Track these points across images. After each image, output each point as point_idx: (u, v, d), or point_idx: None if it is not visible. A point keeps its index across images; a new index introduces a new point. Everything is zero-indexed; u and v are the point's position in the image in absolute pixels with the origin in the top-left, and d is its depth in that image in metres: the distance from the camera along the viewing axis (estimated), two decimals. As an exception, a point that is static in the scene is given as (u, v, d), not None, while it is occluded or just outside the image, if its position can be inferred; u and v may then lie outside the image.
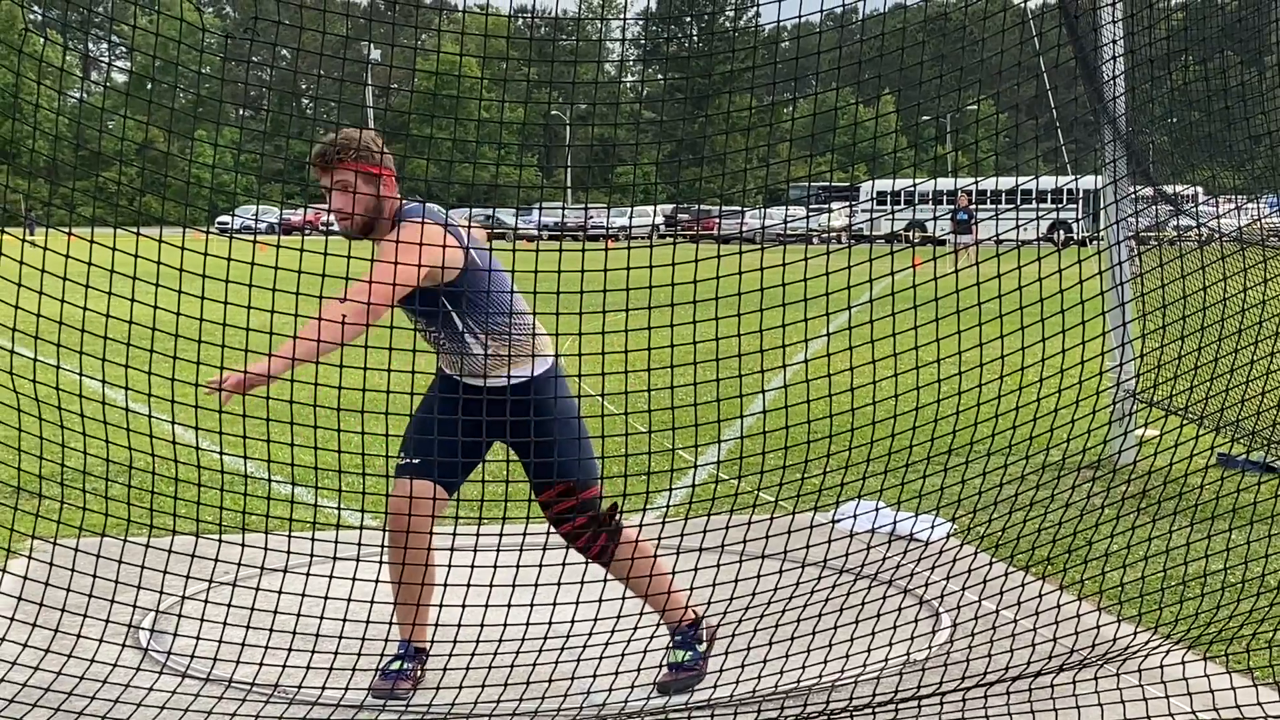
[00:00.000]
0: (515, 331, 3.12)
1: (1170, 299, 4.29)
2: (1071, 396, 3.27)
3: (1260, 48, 4.62)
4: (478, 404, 3.07)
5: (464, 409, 3.08)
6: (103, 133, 3.30)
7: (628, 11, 13.53)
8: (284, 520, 3.45)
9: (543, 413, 3.08)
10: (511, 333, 3.12)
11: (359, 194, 3.03)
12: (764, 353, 3.15)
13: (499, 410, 3.07)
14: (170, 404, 3.12)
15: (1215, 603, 3.40)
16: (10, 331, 2.88)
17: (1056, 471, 4.03)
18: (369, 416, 2.99)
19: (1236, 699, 2.98)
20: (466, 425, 3.09)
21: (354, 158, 3.03)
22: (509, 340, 3.11)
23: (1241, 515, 4.10)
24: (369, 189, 3.06)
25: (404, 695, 3.16)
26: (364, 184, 3.05)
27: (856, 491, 3.78)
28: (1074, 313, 3.37)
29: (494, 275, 3.11)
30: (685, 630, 3.29)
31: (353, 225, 3.08)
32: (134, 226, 3.10)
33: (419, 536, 3.13)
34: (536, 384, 3.11)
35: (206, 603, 3.22)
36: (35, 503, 3.73)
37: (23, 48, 2.96)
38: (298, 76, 3.42)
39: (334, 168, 3.04)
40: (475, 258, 3.07)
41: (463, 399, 3.10)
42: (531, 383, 3.11)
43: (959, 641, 3.40)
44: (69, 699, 2.85)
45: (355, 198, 3.02)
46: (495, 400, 3.09)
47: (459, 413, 3.08)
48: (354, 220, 3.07)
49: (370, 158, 3.05)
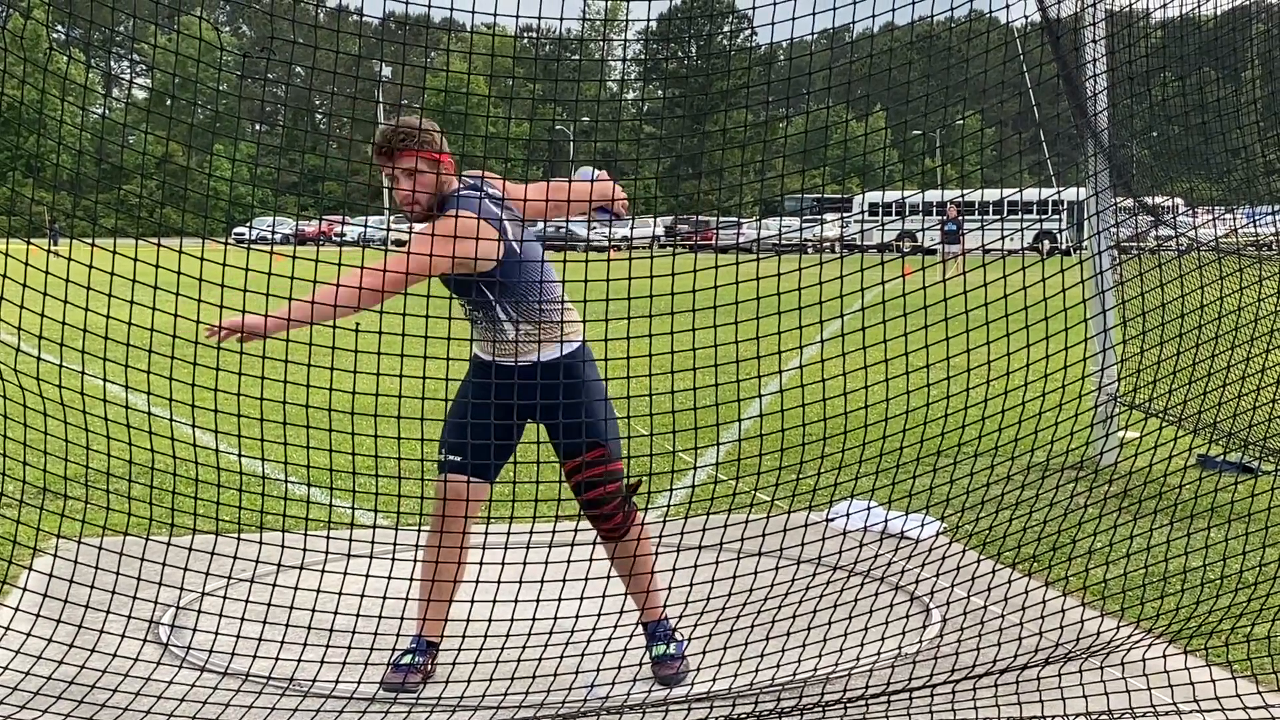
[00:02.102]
0: (546, 315, 3.14)
1: (1151, 306, 4.40)
2: (1055, 400, 3.36)
3: (1237, 64, 4.74)
4: (510, 387, 3.09)
5: (498, 393, 3.10)
6: (124, 147, 3.41)
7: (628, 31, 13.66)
8: (300, 520, 3.52)
9: (573, 384, 3.12)
10: (541, 316, 3.14)
11: (421, 177, 3.04)
12: (761, 359, 3.25)
13: (531, 389, 3.09)
14: (190, 408, 3.20)
15: (1195, 598, 3.46)
16: (37, 339, 2.99)
17: (1041, 472, 4.10)
18: (382, 419, 3.09)
19: (1215, 691, 3.03)
20: (501, 410, 3.11)
21: (416, 145, 3.04)
22: (539, 321, 3.14)
23: (1219, 514, 4.19)
24: (429, 174, 3.07)
25: (413, 688, 3.23)
26: (424, 169, 3.05)
27: (849, 491, 3.87)
28: (1058, 319, 3.46)
29: (530, 263, 3.12)
30: (661, 625, 3.36)
31: (415, 211, 3.10)
32: (154, 237, 3.19)
33: (454, 536, 3.19)
34: (566, 361, 3.16)
35: (225, 599, 3.25)
36: (60, 503, 3.82)
37: (48, 66, 3.07)
38: (311, 93, 3.54)
39: (397, 154, 3.06)
40: (513, 247, 3.08)
41: (495, 384, 3.12)
42: (560, 361, 3.15)
43: (948, 636, 3.46)
44: (92, 691, 2.93)
45: (417, 182, 3.03)
46: (527, 380, 3.12)
47: (493, 400, 3.11)
48: (417, 206, 3.08)
49: (431, 143, 3.07)
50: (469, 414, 3.18)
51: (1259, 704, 3.04)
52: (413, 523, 3.40)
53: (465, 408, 3.23)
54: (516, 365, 3.17)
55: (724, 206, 10.78)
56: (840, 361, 3.23)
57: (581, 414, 3.13)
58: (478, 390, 3.20)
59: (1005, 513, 3.52)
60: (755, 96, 3.67)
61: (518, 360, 3.16)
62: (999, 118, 4.18)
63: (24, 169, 7.82)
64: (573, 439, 3.13)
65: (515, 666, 3.05)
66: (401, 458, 3.60)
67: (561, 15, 3.04)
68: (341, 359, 2.99)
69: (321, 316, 2.91)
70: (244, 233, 12.15)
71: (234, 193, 9.24)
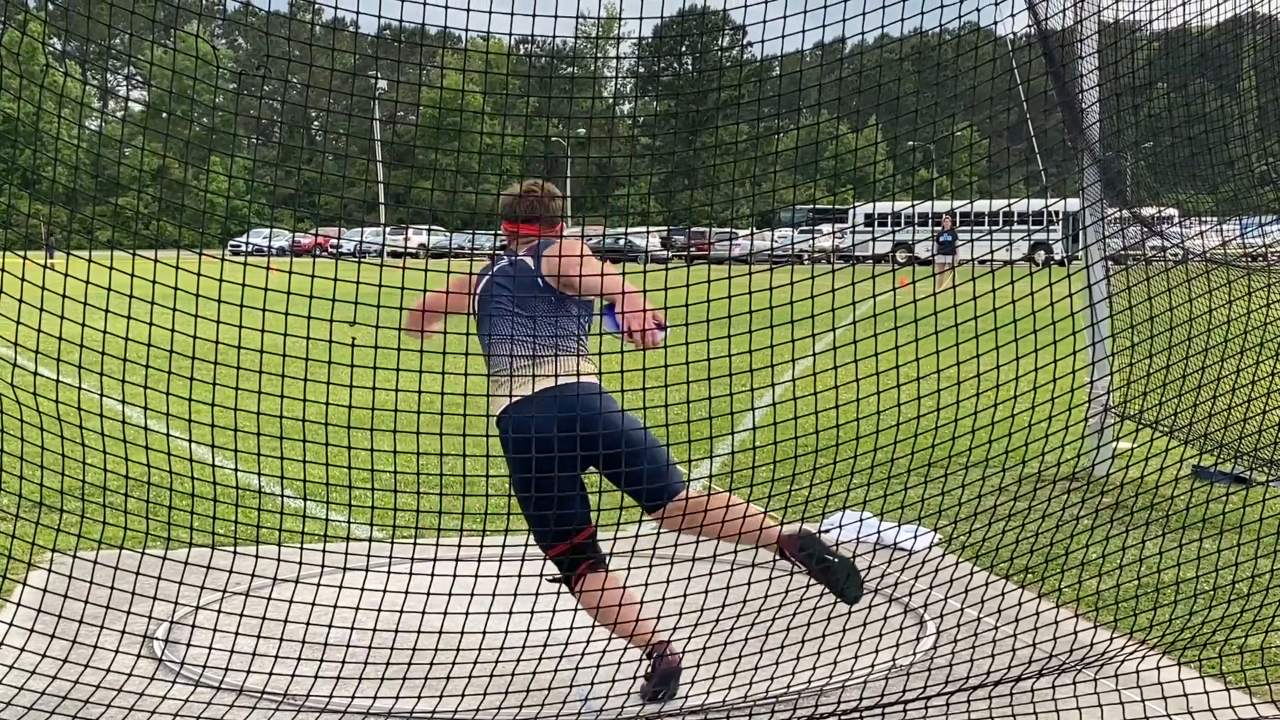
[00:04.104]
0: (495, 368, 3.28)
1: (1144, 317, 4.42)
2: (1050, 411, 3.38)
3: (1231, 75, 4.77)
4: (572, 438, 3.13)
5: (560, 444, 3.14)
6: (121, 162, 3.43)
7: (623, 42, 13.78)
8: (295, 533, 3.53)
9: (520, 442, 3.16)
10: (492, 368, 3.29)
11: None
12: (754, 371, 3.26)
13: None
14: (187, 421, 3.21)
15: (1189, 609, 3.46)
16: (32, 352, 3.00)
17: (1035, 483, 4.12)
18: (378, 433, 3.10)
19: (1210, 703, 3.03)
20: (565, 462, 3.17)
21: (546, 221, 3.38)
22: (490, 374, 3.30)
23: (1213, 525, 4.20)
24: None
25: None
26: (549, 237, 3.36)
27: (844, 502, 3.88)
28: (1052, 330, 3.48)
29: (493, 319, 3.31)
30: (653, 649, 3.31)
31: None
32: (150, 250, 3.21)
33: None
34: (514, 416, 3.20)
35: (220, 613, 3.26)
36: (55, 517, 3.82)
37: (44, 83, 3.08)
38: (307, 105, 3.56)
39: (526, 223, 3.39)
40: (475, 304, 3.34)
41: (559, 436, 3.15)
42: (507, 416, 3.21)
43: (943, 647, 3.46)
44: (86, 706, 2.93)
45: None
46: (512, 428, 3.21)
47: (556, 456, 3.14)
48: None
49: (554, 219, 3.40)
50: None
51: (1253, 716, 3.05)
52: (407, 536, 3.41)
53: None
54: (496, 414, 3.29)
55: (720, 218, 10.80)
56: (835, 373, 3.24)
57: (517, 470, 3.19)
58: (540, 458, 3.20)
59: (999, 524, 3.53)
60: (748, 108, 3.69)
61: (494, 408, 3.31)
62: (994, 129, 4.21)
63: (20, 182, 7.84)
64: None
65: (509, 681, 3.05)
66: (398, 471, 3.61)
67: (555, 31, 3.06)
68: (338, 373, 3.00)
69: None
70: (240, 244, 12.21)
71: (230, 205, 9.27)
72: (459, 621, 3.12)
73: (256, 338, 2.93)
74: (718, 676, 3.17)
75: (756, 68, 15.23)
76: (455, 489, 5.22)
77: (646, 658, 3.31)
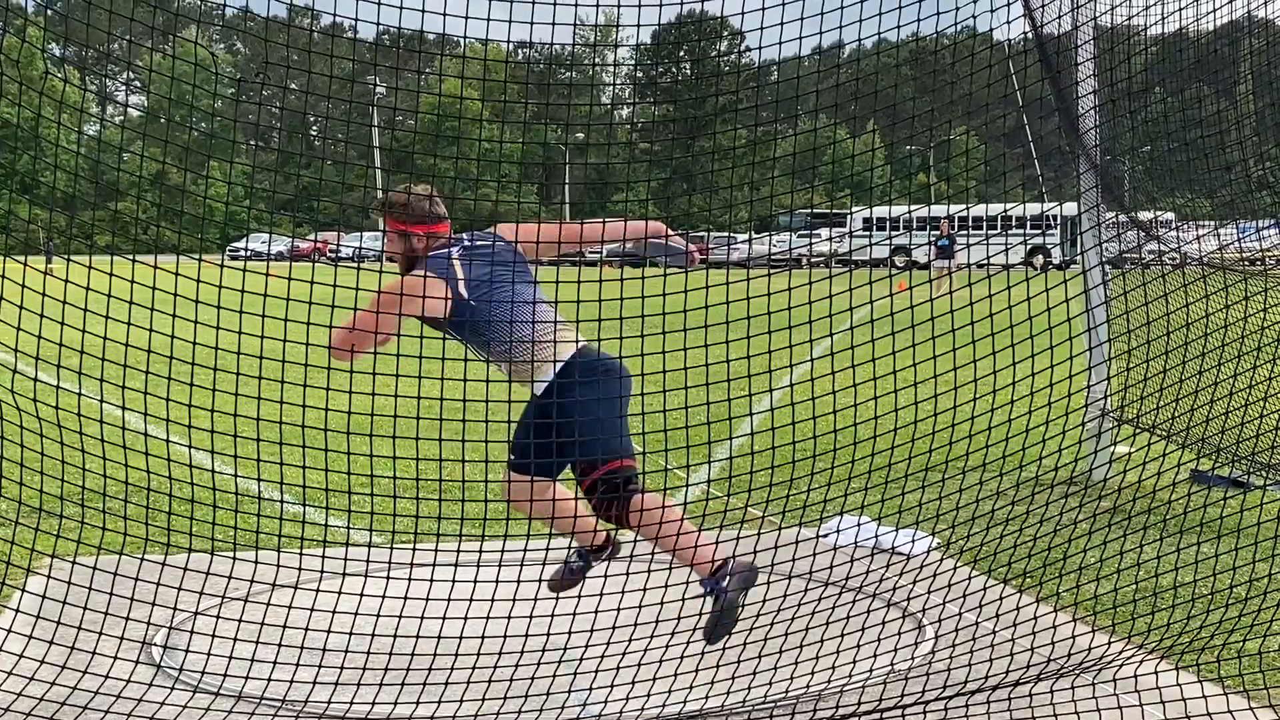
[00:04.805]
0: (516, 356, 3.34)
1: (1143, 322, 4.43)
2: (1048, 415, 3.39)
3: (1232, 79, 4.78)
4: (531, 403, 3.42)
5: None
6: (119, 167, 3.43)
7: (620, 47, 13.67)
8: (294, 538, 3.53)
9: (559, 409, 3.36)
10: (513, 357, 3.34)
11: (391, 240, 3.56)
12: (752, 377, 3.27)
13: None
14: (186, 427, 3.21)
15: (1187, 613, 3.46)
16: (31, 357, 3.00)
17: (1033, 487, 4.13)
18: (376, 438, 3.10)
19: (1208, 706, 3.05)
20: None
21: (394, 215, 3.51)
22: (511, 362, 3.36)
23: (1211, 529, 4.21)
24: (399, 239, 3.53)
25: (573, 583, 3.51)
26: (396, 235, 3.52)
27: (842, 507, 3.89)
28: (1050, 335, 3.49)
29: (492, 306, 3.33)
30: (714, 577, 3.27)
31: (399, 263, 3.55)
32: (148, 255, 3.21)
33: (539, 504, 3.43)
34: (548, 390, 3.34)
35: (218, 618, 3.27)
36: (54, 522, 3.82)
37: (42, 88, 3.09)
38: (306, 109, 3.57)
39: (385, 219, 3.55)
40: (461, 299, 3.37)
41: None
42: (552, 386, 3.33)
43: (941, 652, 3.48)
44: (85, 712, 2.93)
45: (388, 245, 3.57)
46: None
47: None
48: (397, 261, 3.56)
49: (401, 216, 3.49)
50: (530, 430, 3.47)
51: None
52: (406, 541, 3.41)
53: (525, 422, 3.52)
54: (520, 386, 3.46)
55: (718, 222, 10.82)
56: (833, 377, 3.25)
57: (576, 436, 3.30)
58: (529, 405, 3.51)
59: (998, 528, 3.54)
60: (747, 113, 3.70)
61: (533, 383, 3.42)
62: (992, 134, 4.22)
63: (18, 187, 7.80)
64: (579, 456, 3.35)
65: (508, 686, 3.06)
66: (396, 476, 3.61)
67: (553, 37, 3.08)
68: (336, 378, 3.00)
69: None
70: (239, 249, 12.23)
71: (228, 210, 9.28)
72: (458, 626, 3.12)
73: (255, 343, 2.93)
74: (718, 681, 3.17)
75: (755, 73, 15.25)
76: (454, 493, 5.21)
77: (707, 593, 3.24)
